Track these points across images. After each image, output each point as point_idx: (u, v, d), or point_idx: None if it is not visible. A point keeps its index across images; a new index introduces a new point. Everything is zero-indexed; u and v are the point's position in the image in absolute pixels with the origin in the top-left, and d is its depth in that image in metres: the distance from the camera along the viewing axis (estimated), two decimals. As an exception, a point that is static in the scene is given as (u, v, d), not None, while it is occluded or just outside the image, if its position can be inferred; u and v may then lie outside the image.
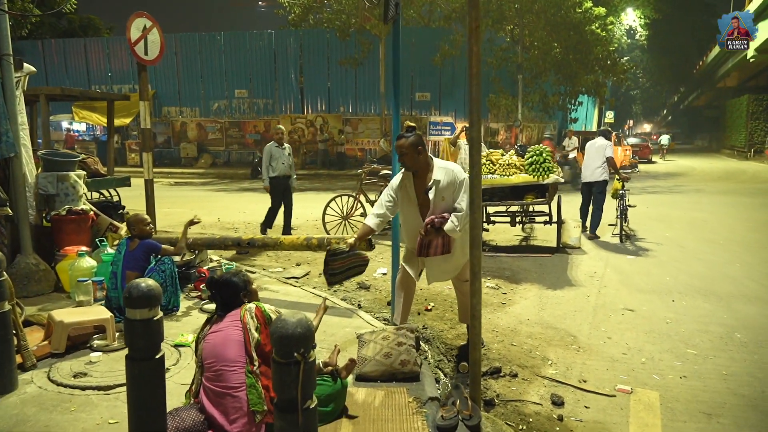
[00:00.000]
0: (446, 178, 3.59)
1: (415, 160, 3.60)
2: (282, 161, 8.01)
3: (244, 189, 17.01)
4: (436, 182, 3.59)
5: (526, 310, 5.12)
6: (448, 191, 3.59)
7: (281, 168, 8.04)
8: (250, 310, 2.73)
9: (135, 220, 4.45)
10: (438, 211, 3.62)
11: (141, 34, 6.72)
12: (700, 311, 5.04)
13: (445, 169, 3.63)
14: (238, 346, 2.64)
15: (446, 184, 3.58)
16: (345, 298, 5.43)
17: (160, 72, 25.40)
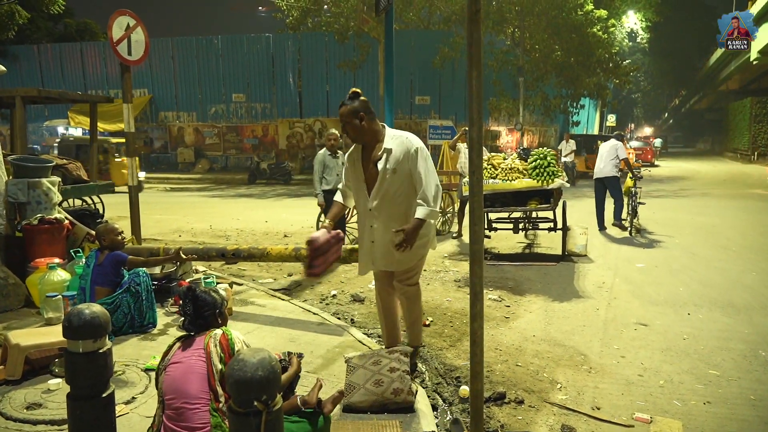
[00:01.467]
0: (399, 148, 3.18)
1: (358, 129, 3.19)
2: (337, 172, 6.85)
3: (241, 195, 16.69)
4: (387, 150, 3.19)
5: (532, 324, 4.76)
6: (402, 163, 3.17)
7: (336, 180, 6.79)
8: (215, 337, 2.37)
9: (105, 230, 4.10)
10: (386, 187, 3.18)
11: (124, 33, 6.40)
12: (718, 325, 4.67)
13: (398, 137, 3.24)
14: (201, 380, 2.28)
15: (399, 153, 3.17)
16: (337, 312, 5.07)
17: (157, 76, 25.14)
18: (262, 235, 9.15)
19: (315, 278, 4.03)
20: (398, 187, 3.20)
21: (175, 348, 2.50)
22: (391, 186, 3.19)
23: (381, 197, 3.23)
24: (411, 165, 3.17)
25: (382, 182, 3.19)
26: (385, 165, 3.18)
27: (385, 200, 3.22)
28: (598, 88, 21.86)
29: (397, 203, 3.24)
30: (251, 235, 9.11)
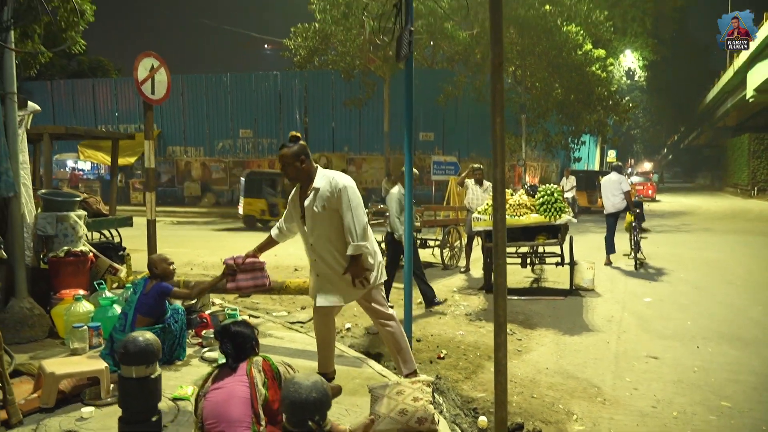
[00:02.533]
0: (326, 186, 3.39)
1: (298, 170, 3.43)
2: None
3: (248, 228, 16.84)
4: (315, 189, 3.40)
5: (544, 357, 4.86)
6: (330, 200, 3.37)
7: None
8: (257, 364, 2.50)
9: (158, 259, 4.26)
10: (317, 224, 3.41)
11: (148, 74, 6.68)
12: (728, 358, 4.77)
13: (327, 177, 3.45)
14: (244, 404, 2.40)
15: (326, 191, 3.38)
16: (353, 345, 5.18)
17: (165, 112, 25.66)
18: (272, 268, 9.19)
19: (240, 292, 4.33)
20: (329, 224, 3.40)
21: (213, 375, 2.63)
22: (322, 222, 3.41)
23: (316, 234, 3.46)
24: (337, 203, 3.37)
25: (312, 219, 3.43)
26: (312, 202, 3.39)
27: (321, 237, 3.44)
28: (598, 125, 22.29)
29: (331, 239, 3.44)
30: (262, 269, 9.23)
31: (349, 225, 3.36)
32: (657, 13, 34.33)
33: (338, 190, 3.36)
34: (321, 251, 3.47)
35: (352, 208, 3.37)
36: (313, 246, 3.49)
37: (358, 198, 3.46)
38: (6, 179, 4.56)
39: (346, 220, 3.36)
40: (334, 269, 3.47)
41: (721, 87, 34.52)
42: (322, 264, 3.49)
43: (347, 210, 3.37)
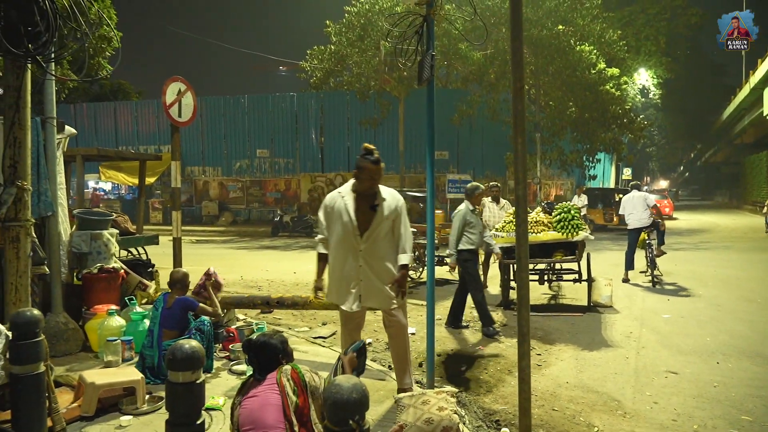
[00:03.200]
0: (391, 199, 3.77)
1: (377, 182, 3.74)
2: (480, 230, 6.44)
3: (265, 247, 17.09)
4: (383, 200, 3.73)
5: (564, 372, 4.92)
6: (392, 213, 3.73)
7: (478, 240, 6.42)
8: (286, 373, 2.64)
9: (179, 275, 4.45)
10: (377, 230, 3.67)
11: (176, 98, 6.96)
12: (748, 374, 4.79)
13: (389, 191, 3.82)
14: (277, 411, 2.54)
15: (392, 203, 3.74)
16: (375, 359, 5.29)
17: (185, 133, 26.22)
18: (292, 285, 9.44)
19: None
20: (384, 233, 3.73)
21: (249, 385, 2.77)
22: (381, 231, 3.71)
23: (371, 241, 3.70)
24: (396, 216, 3.75)
25: (377, 226, 3.69)
26: (382, 212, 3.70)
27: (374, 244, 3.70)
28: (613, 143, 22.33)
29: (383, 247, 3.74)
30: (282, 286, 9.40)
31: (404, 238, 3.77)
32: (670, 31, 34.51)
33: (400, 205, 3.79)
34: (371, 258, 3.70)
35: (406, 223, 3.81)
36: (363, 252, 3.70)
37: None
38: (45, 199, 4.79)
39: (402, 233, 3.76)
40: (378, 275, 3.72)
41: (737, 104, 34.36)
42: (367, 270, 3.71)
43: (404, 224, 3.78)
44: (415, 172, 23.33)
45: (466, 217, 6.27)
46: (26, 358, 2.90)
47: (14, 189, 3.62)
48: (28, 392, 2.91)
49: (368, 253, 3.70)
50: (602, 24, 22.36)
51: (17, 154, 3.67)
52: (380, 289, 3.73)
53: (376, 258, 3.71)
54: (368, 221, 3.68)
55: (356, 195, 3.77)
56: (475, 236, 6.30)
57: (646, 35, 33.82)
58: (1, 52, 3.46)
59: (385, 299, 3.78)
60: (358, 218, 3.69)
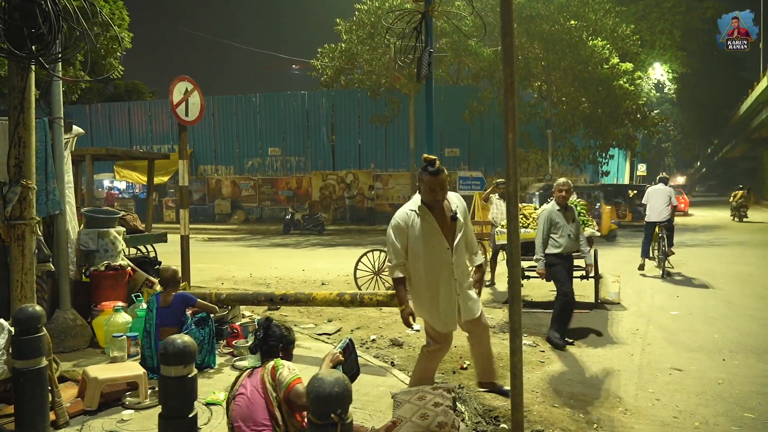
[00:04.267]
0: (461, 203, 3.72)
1: (445, 193, 3.60)
2: (568, 232, 5.65)
3: (276, 245, 17.20)
4: (457, 207, 3.68)
5: (567, 369, 4.90)
6: (465, 216, 3.71)
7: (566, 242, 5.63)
8: (268, 369, 2.71)
9: (173, 272, 4.50)
10: (460, 239, 3.62)
11: (183, 97, 7.04)
12: (754, 371, 4.73)
13: (457, 196, 3.75)
14: (263, 410, 2.60)
15: (462, 209, 3.70)
16: (378, 355, 5.31)
17: (197, 132, 26.47)
18: (300, 283, 9.50)
19: None
20: (463, 239, 3.66)
21: (240, 380, 2.82)
22: (464, 236, 3.67)
23: (458, 251, 3.64)
24: (466, 218, 3.72)
25: (460, 236, 3.62)
26: (461, 219, 3.64)
27: (460, 253, 3.64)
28: (626, 139, 22.09)
29: (463, 252, 3.68)
30: (290, 283, 9.47)
31: (473, 238, 3.76)
32: (686, 25, 34.03)
33: (465, 208, 3.72)
34: (459, 269, 3.62)
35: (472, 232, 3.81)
36: (454, 264, 3.57)
37: None
38: (53, 198, 4.88)
39: (470, 234, 3.74)
40: (467, 284, 3.71)
41: (755, 97, 33.76)
42: (461, 282, 3.64)
43: (469, 225, 3.76)
44: (426, 170, 23.28)
45: (551, 218, 5.63)
46: (28, 353, 2.97)
47: (19, 188, 3.70)
48: (30, 386, 2.98)
49: (458, 264, 3.62)
50: (615, 18, 22.12)
51: (22, 154, 3.75)
52: (472, 298, 3.72)
53: (462, 267, 3.66)
54: (452, 233, 3.57)
55: (431, 209, 3.55)
56: (563, 238, 5.58)
57: (660, 29, 33.39)
58: (5, 53, 3.53)
59: (478, 306, 3.80)
60: (445, 233, 3.55)
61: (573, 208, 5.81)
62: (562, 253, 5.57)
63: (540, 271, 5.67)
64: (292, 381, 2.64)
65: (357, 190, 23.98)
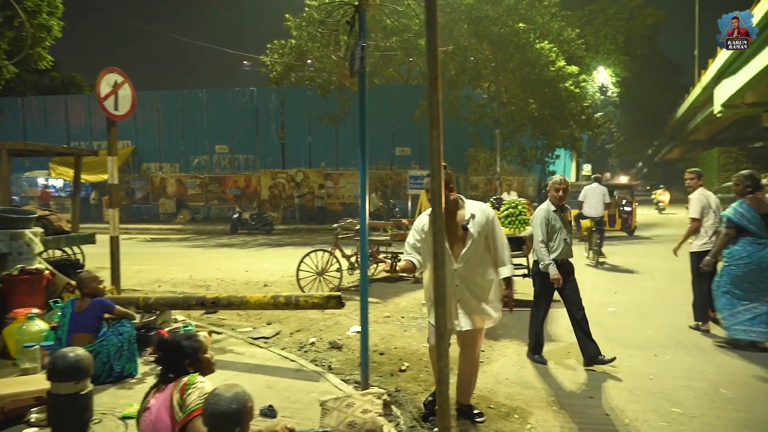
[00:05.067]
0: (482, 213, 3.63)
1: (447, 198, 3.53)
2: (564, 236, 4.99)
3: (222, 245, 16.71)
4: (472, 215, 3.60)
5: (505, 368, 4.88)
6: (484, 227, 3.60)
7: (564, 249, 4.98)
8: (178, 385, 2.49)
9: (87, 278, 4.20)
10: (473, 248, 3.55)
11: (111, 90, 6.67)
12: (683, 365, 4.85)
13: (478, 205, 3.70)
14: (167, 429, 2.40)
15: (482, 218, 3.61)
16: (315, 359, 5.15)
17: (141, 129, 25.49)
18: (242, 284, 9.21)
19: None
20: (481, 249, 3.60)
21: (150, 395, 2.60)
22: (476, 248, 3.57)
23: (466, 259, 3.56)
24: (489, 231, 3.62)
25: (469, 245, 3.54)
26: (474, 230, 3.56)
27: (470, 261, 3.56)
28: (571, 140, 22.68)
29: (478, 263, 3.60)
30: (231, 285, 9.16)
31: (503, 250, 3.67)
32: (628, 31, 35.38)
33: (492, 218, 3.66)
34: (468, 276, 3.57)
35: (502, 234, 3.71)
36: (458, 271, 3.55)
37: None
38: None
39: (500, 246, 3.65)
40: (476, 294, 3.60)
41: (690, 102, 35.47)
42: (464, 289, 3.58)
43: (498, 237, 3.67)
44: (377, 168, 23.21)
45: (548, 219, 4.95)
46: None
47: None
48: None
49: (465, 272, 3.56)
50: (561, 22, 22.66)
51: None
52: (477, 308, 3.61)
53: (475, 276, 3.59)
54: (462, 241, 3.56)
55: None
56: (559, 243, 4.92)
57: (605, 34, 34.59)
58: None
59: (481, 317, 3.66)
60: (449, 239, 3.52)
61: (569, 210, 5.09)
62: (558, 259, 4.89)
63: (555, 277, 4.84)
64: (194, 410, 2.33)
65: (307, 189, 23.66)
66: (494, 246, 3.64)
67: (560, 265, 4.93)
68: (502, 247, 3.65)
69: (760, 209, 5.22)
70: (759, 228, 5.16)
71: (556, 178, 5.06)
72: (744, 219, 5.23)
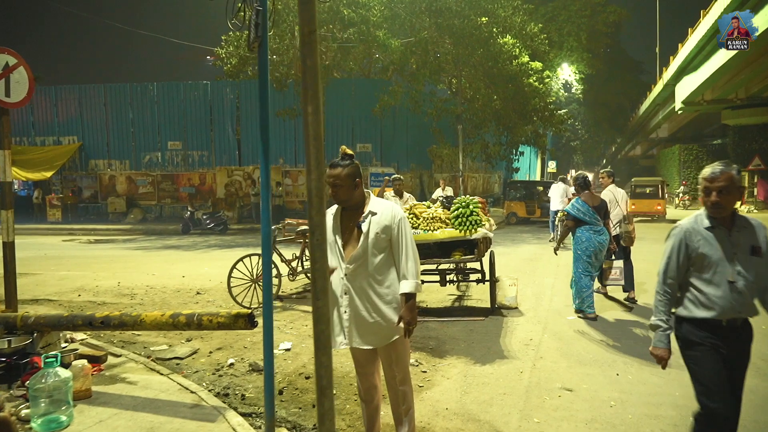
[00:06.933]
0: (386, 213, 3.00)
1: (351, 193, 2.97)
2: (731, 274, 2.80)
3: (169, 246, 15.68)
4: (372, 213, 2.99)
5: (446, 394, 4.22)
6: (387, 229, 2.97)
7: (732, 302, 2.68)
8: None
9: None
10: (366, 251, 2.94)
11: (1, 73, 5.75)
12: (648, 388, 4.27)
13: (383, 203, 3.09)
14: None
15: (386, 218, 2.98)
16: (228, 386, 4.41)
17: (87, 124, 24.11)
18: (172, 292, 8.34)
19: None
20: (377, 253, 2.97)
21: None
22: (371, 251, 2.96)
23: (358, 263, 2.93)
24: (395, 233, 2.99)
25: (361, 246, 2.94)
26: (369, 227, 2.96)
27: (362, 266, 2.97)
28: (535, 136, 22.36)
29: (374, 270, 2.97)
30: (160, 293, 8.28)
31: (407, 259, 2.98)
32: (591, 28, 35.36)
33: (399, 220, 3.01)
34: (358, 283, 2.97)
35: (410, 240, 3.02)
36: (348, 277, 2.97)
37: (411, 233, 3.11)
38: None
39: (404, 254, 2.98)
40: (367, 306, 2.96)
41: (652, 99, 35.75)
42: (356, 298, 2.97)
43: (406, 242, 3.00)
44: (338, 166, 22.41)
45: (692, 243, 2.70)
46: None
47: None
48: None
49: (355, 278, 2.96)
50: (523, 17, 22.29)
51: None
52: (370, 323, 2.96)
53: (366, 283, 2.96)
54: (356, 240, 2.98)
55: (342, 209, 3.07)
56: (719, 289, 2.61)
57: (568, 31, 34.49)
58: None
59: (377, 336, 2.97)
60: (344, 237, 3.01)
61: (753, 226, 2.69)
62: (717, 320, 2.68)
63: (658, 353, 2.85)
64: None
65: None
66: (397, 253, 2.99)
67: (725, 331, 2.68)
68: (407, 256, 2.98)
69: (592, 203, 6.53)
70: (592, 218, 6.43)
71: (706, 171, 2.70)
72: (579, 212, 6.47)
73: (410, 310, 2.93)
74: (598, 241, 6.40)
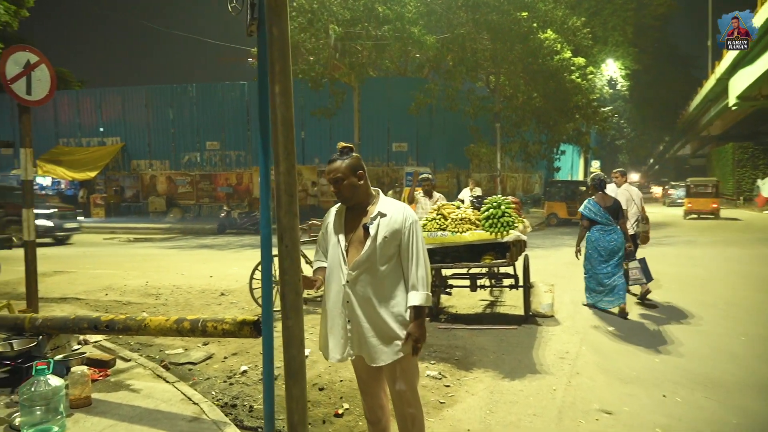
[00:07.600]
0: (398, 215, 2.67)
1: (355, 188, 2.68)
2: None
3: (204, 246, 15.77)
4: (381, 214, 2.66)
5: (470, 413, 3.83)
6: (397, 233, 2.64)
7: None
8: None
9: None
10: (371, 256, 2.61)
11: (22, 71, 5.72)
12: (702, 413, 3.76)
13: (395, 203, 2.75)
14: None
15: (396, 220, 2.65)
16: (237, 395, 4.16)
17: (129, 125, 24.69)
18: (197, 293, 8.22)
19: None
20: (384, 260, 2.64)
21: None
22: (378, 257, 2.63)
23: (362, 269, 2.62)
24: (405, 238, 2.66)
25: (370, 250, 2.61)
26: (377, 230, 2.63)
27: (366, 273, 2.64)
28: (576, 134, 21.53)
29: (378, 278, 2.64)
30: (185, 293, 8.17)
31: (418, 267, 2.64)
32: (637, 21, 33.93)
33: (411, 223, 2.68)
34: (361, 292, 2.64)
35: (421, 247, 2.67)
36: (350, 284, 2.64)
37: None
38: None
39: (414, 261, 2.64)
40: (370, 317, 2.63)
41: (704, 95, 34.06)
42: (357, 309, 2.64)
43: (418, 249, 2.66)
44: (373, 165, 22.19)
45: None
46: None
47: None
48: None
49: (358, 285, 2.64)
50: (565, 11, 21.49)
51: None
52: (372, 338, 2.63)
53: (371, 294, 2.63)
54: (361, 244, 2.67)
55: (347, 209, 2.78)
56: None
57: (613, 25, 33.17)
58: None
59: (380, 353, 2.62)
60: (348, 239, 2.71)
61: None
62: None
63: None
64: None
65: (300, 187, 22.68)
66: (406, 261, 2.64)
67: None
68: (418, 264, 2.63)
69: (604, 204, 6.69)
70: (603, 218, 6.63)
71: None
72: (591, 212, 6.70)
73: (419, 326, 2.57)
74: (606, 240, 6.58)
